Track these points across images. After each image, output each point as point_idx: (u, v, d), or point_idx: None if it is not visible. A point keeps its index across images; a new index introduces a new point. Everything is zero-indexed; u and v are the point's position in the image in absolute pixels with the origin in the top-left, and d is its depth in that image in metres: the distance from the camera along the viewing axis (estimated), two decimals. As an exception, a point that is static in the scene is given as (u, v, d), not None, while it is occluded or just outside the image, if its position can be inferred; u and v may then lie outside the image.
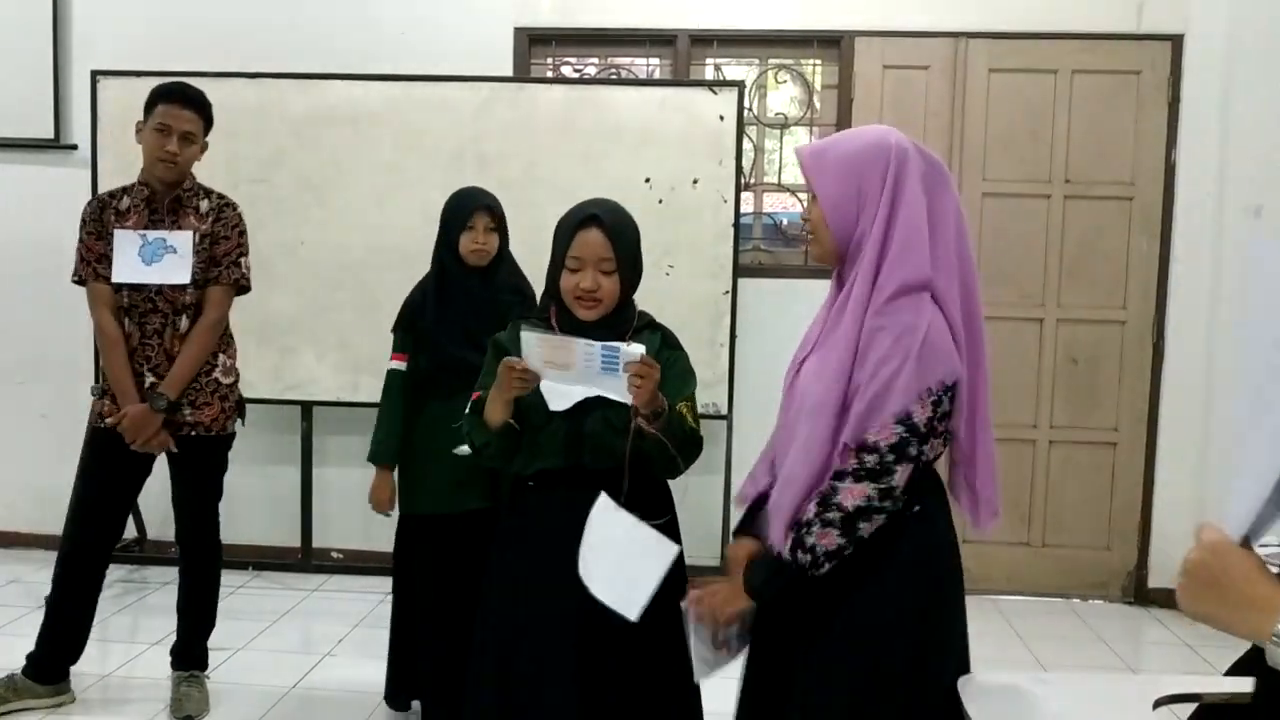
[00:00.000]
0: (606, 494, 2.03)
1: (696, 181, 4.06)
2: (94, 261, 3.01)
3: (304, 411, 4.38)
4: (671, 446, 2.00)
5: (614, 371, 1.91)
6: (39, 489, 4.43)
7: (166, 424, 3.00)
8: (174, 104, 2.97)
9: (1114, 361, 4.37)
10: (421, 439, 2.90)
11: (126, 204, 3.04)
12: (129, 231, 2.98)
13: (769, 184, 4.54)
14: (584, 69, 4.58)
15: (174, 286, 2.97)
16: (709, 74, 4.48)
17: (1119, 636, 4.07)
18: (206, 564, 3.19)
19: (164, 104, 2.97)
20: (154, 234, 2.97)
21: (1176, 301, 4.29)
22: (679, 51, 4.43)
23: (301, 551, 4.50)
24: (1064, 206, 4.34)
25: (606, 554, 2.01)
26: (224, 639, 3.47)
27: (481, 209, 2.87)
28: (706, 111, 4.06)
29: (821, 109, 4.47)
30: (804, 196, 2.53)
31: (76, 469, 3.14)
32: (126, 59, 4.24)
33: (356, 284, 4.17)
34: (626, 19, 4.39)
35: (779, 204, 4.55)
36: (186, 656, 3.18)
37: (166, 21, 4.44)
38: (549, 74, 4.54)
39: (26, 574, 4.21)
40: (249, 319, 4.19)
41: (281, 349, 4.24)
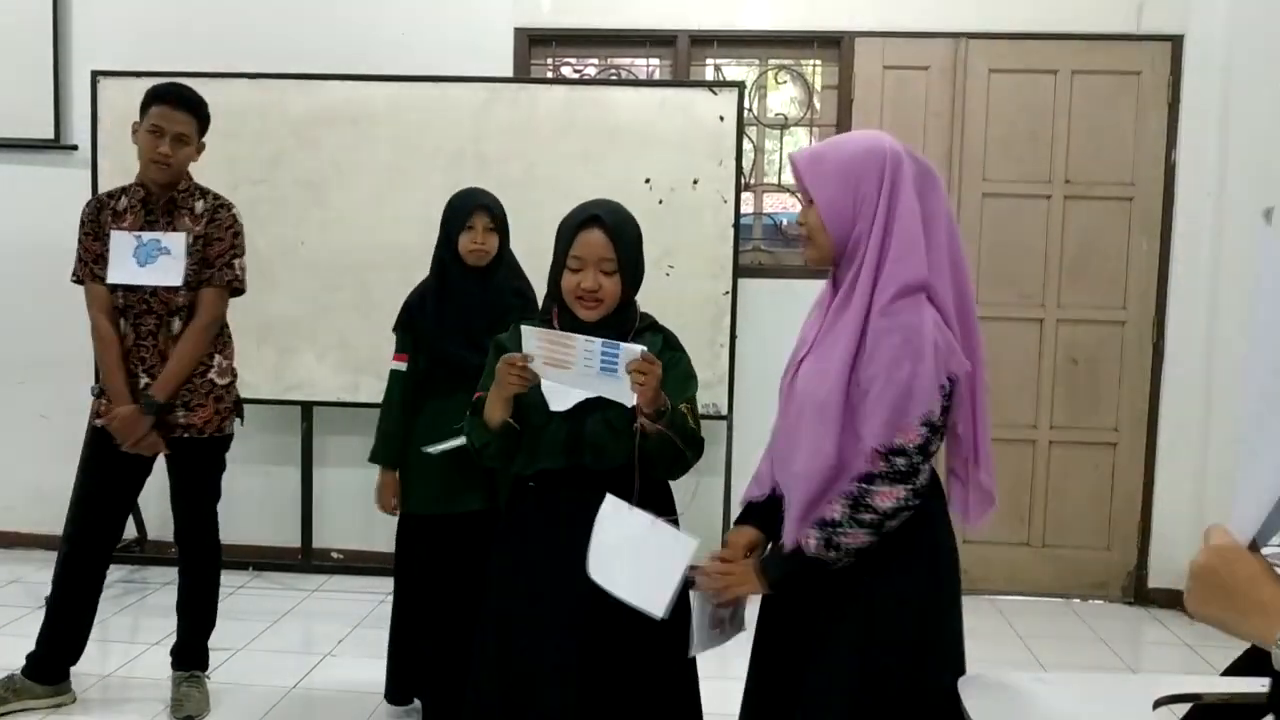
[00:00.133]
0: (614, 496, 2.02)
1: (696, 182, 4.06)
2: (91, 262, 3.01)
3: (304, 412, 4.39)
4: (677, 444, 2.00)
5: (614, 371, 1.90)
6: (39, 489, 4.44)
7: (161, 425, 2.99)
8: (167, 105, 2.96)
9: (1114, 361, 4.37)
10: (420, 439, 2.89)
11: (124, 205, 3.04)
12: (124, 233, 2.97)
13: (769, 184, 4.54)
14: (584, 69, 4.58)
15: (167, 288, 2.97)
16: (709, 74, 4.48)
17: (1119, 636, 4.07)
18: (205, 564, 3.19)
19: (158, 105, 2.97)
20: (148, 235, 2.96)
21: (1176, 301, 4.29)
22: (679, 52, 4.43)
23: (301, 552, 4.50)
24: (1064, 207, 4.34)
25: (624, 555, 2.00)
26: (224, 639, 3.47)
27: (480, 209, 2.87)
28: (706, 112, 4.06)
29: (821, 109, 4.47)
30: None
31: (76, 469, 3.14)
32: (127, 59, 4.25)
33: (356, 284, 4.17)
34: (626, 19, 4.39)
35: (779, 204, 4.56)
36: (187, 656, 3.18)
37: (167, 22, 4.45)
38: (549, 74, 4.54)
39: (27, 574, 4.22)
40: (249, 319, 4.19)
41: (281, 349, 4.24)
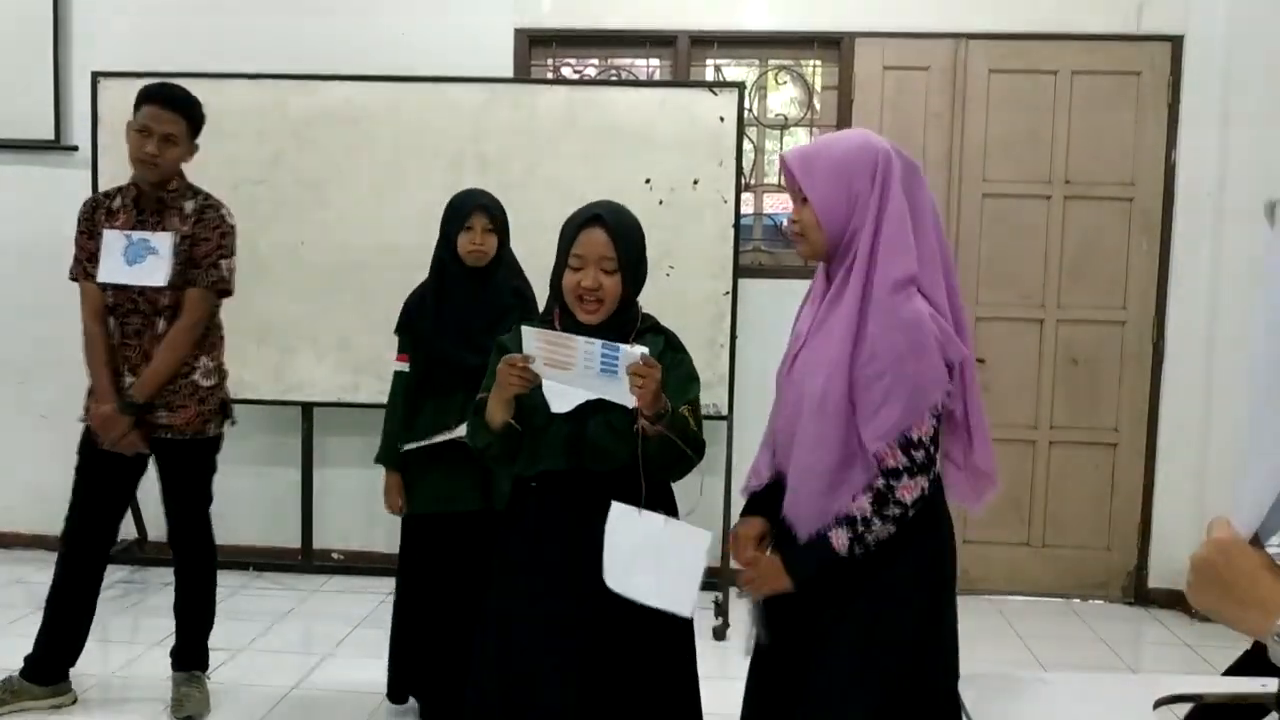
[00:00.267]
0: (620, 501, 2.02)
1: (697, 182, 4.06)
2: (85, 260, 3.03)
3: (304, 412, 4.38)
4: (679, 444, 2.00)
5: (613, 373, 1.90)
6: (39, 489, 4.43)
7: (143, 425, 2.98)
8: (155, 105, 2.96)
9: (1114, 361, 4.37)
10: (420, 439, 2.89)
11: (118, 204, 3.05)
12: (115, 232, 2.98)
13: (769, 185, 4.54)
14: (584, 70, 4.59)
15: (154, 288, 2.96)
16: (709, 75, 4.48)
17: (1119, 636, 4.07)
18: (199, 565, 3.18)
19: (147, 105, 2.97)
20: (138, 235, 2.97)
21: (1176, 301, 4.30)
22: (679, 52, 4.43)
23: (302, 552, 4.50)
24: (1064, 207, 4.34)
25: (641, 560, 2.00)
26: (224, 640, 3.47)
27: (479, 209, 2.87)
28: (707, 112, 4.06)
29: (821, 110, 4.47)
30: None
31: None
32: (127, 60, 4.25)
33: (356, 284, 4.17)
34: (626, 20, 4.39)
35: (779, 205, 4.56)
36: (186, 657, 3.18)
37: (167, 22, 4.45)
38: (549, 75, 4.54)
39: (27, 574, 4.22)
40: (249, 319, 4.20)
41: (281, 349, 4.24)
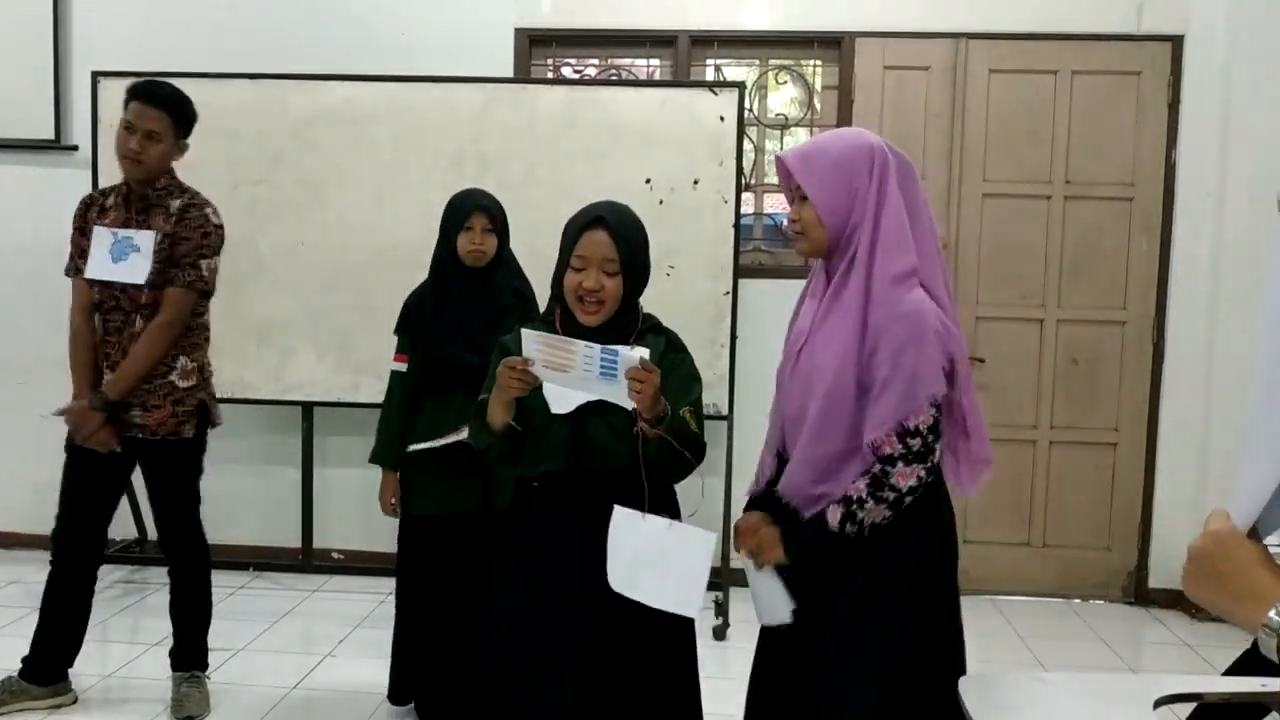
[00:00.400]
0: (617, 503, 2.03)
1: (697, 182, 4.06)
2: (76, 257, 3.05)
3: (304, 412, 4.38)
4: (676, 446, 1.99)
5: (613, 376, 1.90)
6: (39, 489, 4.40)
7: (117, 423, 2.98)
8: (139, 102, 2.97)
9: (1114, 361, 4.37)
10: (419, 440, 2.89)
11: (110, 202, 3.07)
12: (103, 229, 3.00)
13: (769, 185, 4.54)
14: (584, 70, 4.59)
15: (134, 286, 2.96)
16: (709, 75, 4.48)
17: (1119, 636, 4.07)
18: (191, 566, 3.17)
19: (132, 102, 2.98)
20: (123, 232, 2.98)
21: (1176, 301, 4.30)
22: (679, 52, 4.43)
23: (302, 552, 4.50)
24: (1064, 207, 4.34)
25: (646, 563, 2.00)
26: (224, 640, 3.47)
27: (479, 210, 2.87)
28: (707, 112, 4.06)
29: (822, 110, 4.47)
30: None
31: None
32: (127, 59, 4.24)
33: (356, 284, 4.17)
34: (627, 20, 4.39)
35: (779, 204, 4.55)
36: (185, 657, 3.18)
37: (167, 22, 4.45)
38: (549, 75, 4.54)
39: (27, 574, 4.21)
40: (249, 319, 4.21)
41: (281, 349, 4.24)
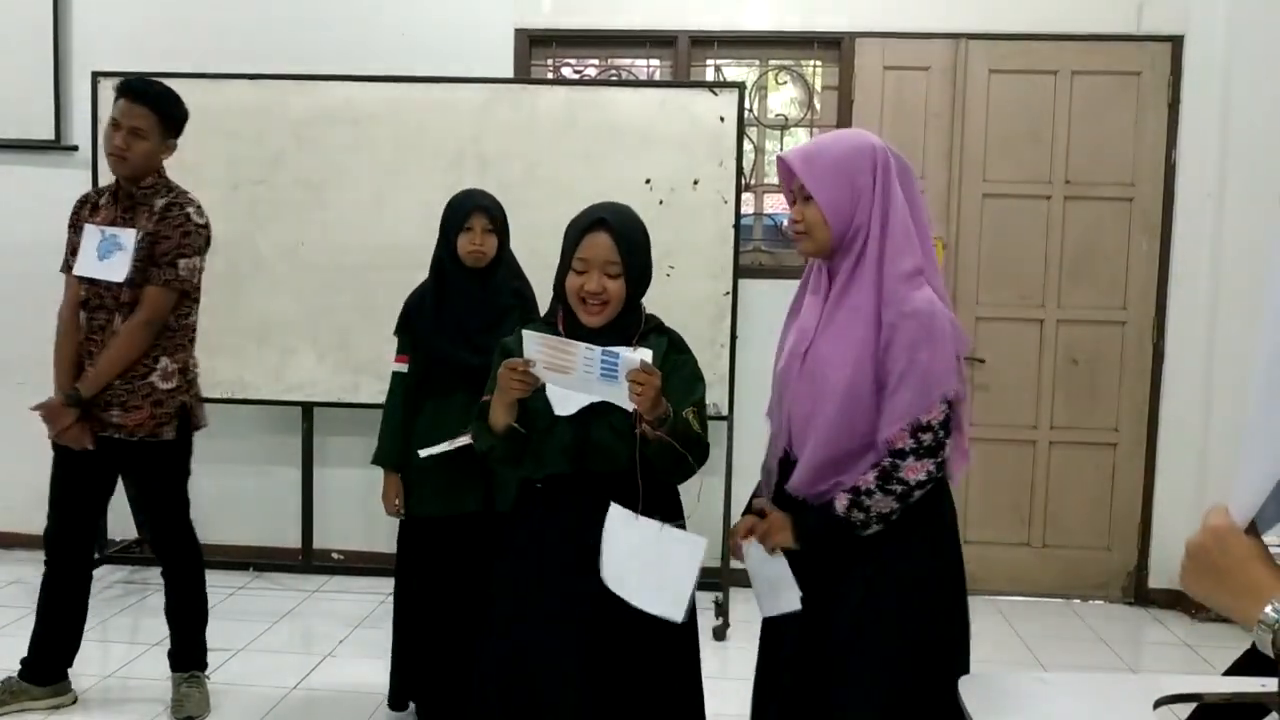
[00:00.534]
0: (618, 503, 2.02)
1: (697, 182, 4.06)
2: (69, 254, 3.06)
3: (304, 412, 4.38)
4: (678, 448, 1.98)
5: (614, 377, 1.90)
6: (39, 489, 4.40)
7: (95, 421, 2.98)
8: (125, 99, 2.97)
9: (1114, 361, 4.38)
10: (420, 440, 2.89)
11: (103, 200, 3.08)
12: (93, 226, 3.00)
13: (769, 185, 4.54)
14: (584, 70, 4.59)
15: (117, 283, 2.96)
16: (709, 75, 4.48)
17: (1119, 636, 4.07)
18: (182, 567, 3.16)
19: (120, 99, 2.98)
20: (110, 230, 2.98)
21: (1176, 301, 4.30)
22: (679, 52, 4.43)
23: (302, 552, 4.50)
24: (1064, 207, 4.34)
25: (636, 564, 2.00)
26: (224, 640, 3.47)
27: (479, 210, 2.87)
28: (707, 112, 4.06)
29: (822, 110, 4.47)
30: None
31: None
32: (126, 59, 4.24)
33: (356, 284, 4.17)
34: (627, 20, 4.39)
35: (779, 205, 4.55)
36: (183, 657, 3.18)
37: (167, 22, 4.45)
38: (549, 75, 4.54)
39: (27, 574, 4.20)
40: (249, 319, 4.21)
41: (281, 349, 4.24)
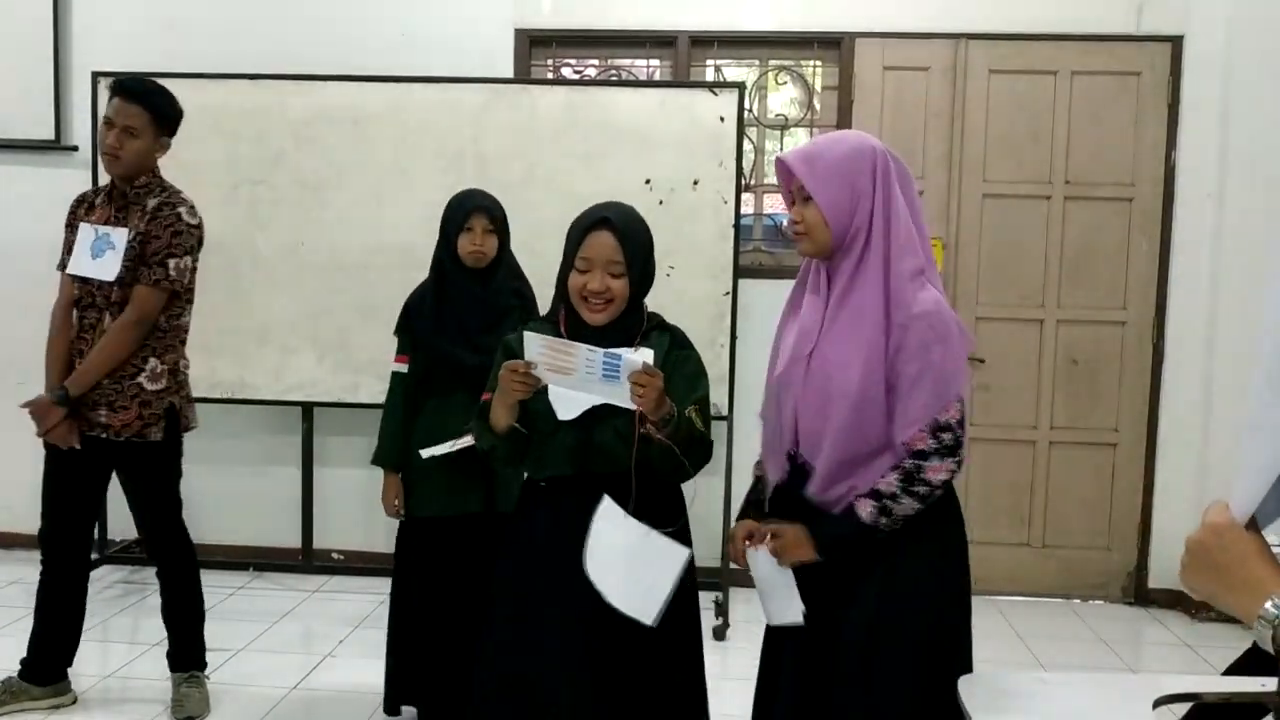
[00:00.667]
0: (613, 500, 2.02)
1: (697, 183, 4.06)
2: (64, 252, 3.06)
3: (304, 412, 4.38)
4: (679, 453, 1.98)
5: (616, 379, 1.90)
6: (39, 489, 4.42)
7: (82, 420, 2.98)
8: (119, 98, 2.97)
9: (1114, 362, 4.38)
10: (421, 440, 2.88)
11: (99, 199, 3.08)
12: (87, 225, 3.00)
13: (769, 185, 4.54)
14: (584, 70, 4.59)
15: (107, 282, 2.96)
16: (709, 75, 4.48)
17: (1119, 637, 4.07)
18: (176, 567, 3.15)
19: (114, 97, 2.98)
20: (103, 229, 2.98)
21: (1176, 302, 4.30)
22: (679, 53, 4.43)
23: (302, 552, 4.50)
24: (1064, 207, 4.34)
25: (617, 562, 2.01)
26: (224, 640, 3.47)
27: (479, 210, 2.86)
28: (707, 113, 4.06)
29: (821, 110, 4.47)
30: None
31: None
32: (127, 60, 4.24)
33: (356, 284, 4.17)
34: (626, 20, 4.40)
35: (779, 205, 4.56)
36: (182, 658, 3.17)
37: (167, 22, 4.45)
38: (549, 75, 4.54)
39: (27, 574, 4.19)
40: (249, 319, 4.21)
41: (281, 349, 4.24)
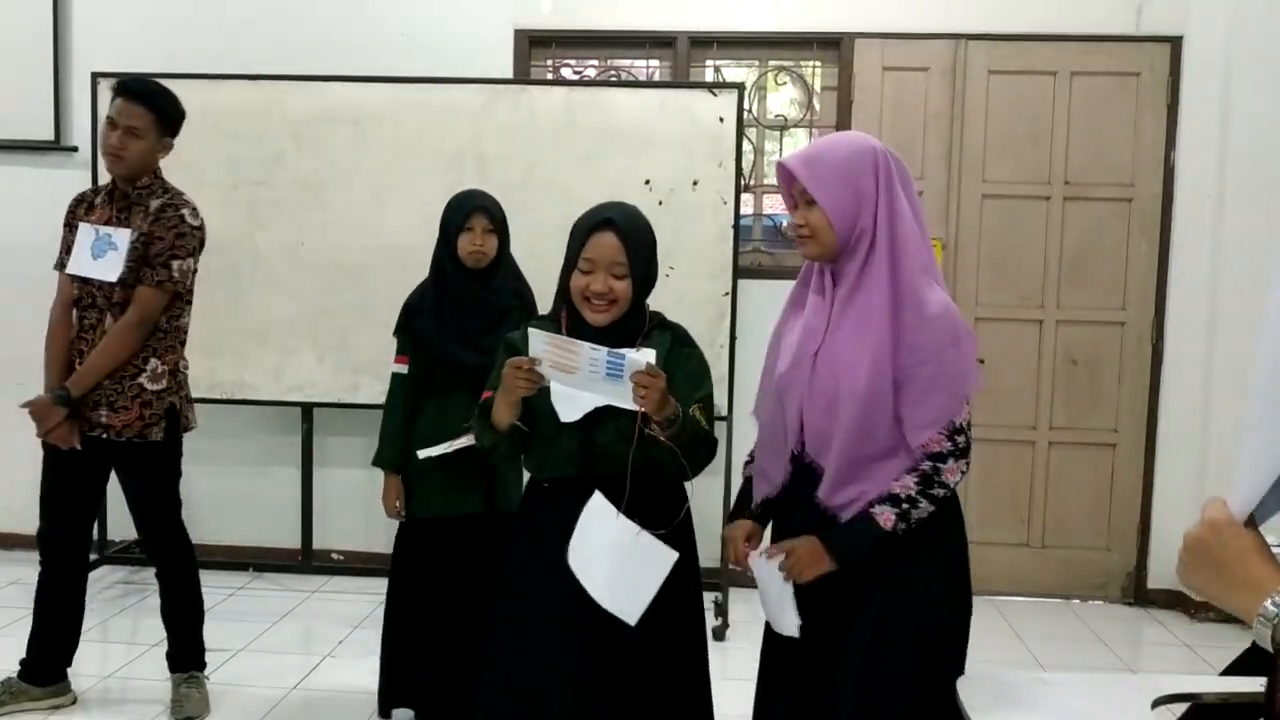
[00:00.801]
0: (605, 497, 2.02)
1: (696, 183, 4.07)
2: (63, 252, 3.06)
3: (304, 412, 4.39)
4: (681, 455, 1.97)
5: (619, 378, 1.89)
6: (39, 490, 4.42)
7: (83, 420, 2.98)
8: (122, 98, 2.97)
9: (1114, 362, 4.38)
10: (421, 440, 2.88)
11: (99, 199, 3.08)
12: (87, 225, 3.00)
13: (769, 186, 4.54)
14: (584, 71, 4.59)
15: (109, 283, 2.96)
16: (709, 76, 4.48)
17: (1119, 637, 4.07)
18: (175, 568, 3.15)
19: (117, 98, 2.98)
20: (104, 229, 2.98)
21: (1176, 302, 4.30)
22: (679, 53, 4.43)
23: (301, 553, 4.50)
24: (1064, 207, 4.34)
25: (604, 559, 2.00)
26: (224, 640, 3.47)
27: (479, 211, 2.86)
28: (706, 113, 4.06)
29: (821, 111, 4.47)
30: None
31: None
32: (127, 60, 4.24)
33: (356, 285, 4.17)
34: (626, 21, 4.40)
35: (779, 205, 4.56)
36: (181, 658, 3.17)
37: (167, 23, 4.46)
38: (549, 76, 4.55)
39: (27, 574, 4.18)
40: (249, 319, 4.21)
41: (281, 350, 4.24)
